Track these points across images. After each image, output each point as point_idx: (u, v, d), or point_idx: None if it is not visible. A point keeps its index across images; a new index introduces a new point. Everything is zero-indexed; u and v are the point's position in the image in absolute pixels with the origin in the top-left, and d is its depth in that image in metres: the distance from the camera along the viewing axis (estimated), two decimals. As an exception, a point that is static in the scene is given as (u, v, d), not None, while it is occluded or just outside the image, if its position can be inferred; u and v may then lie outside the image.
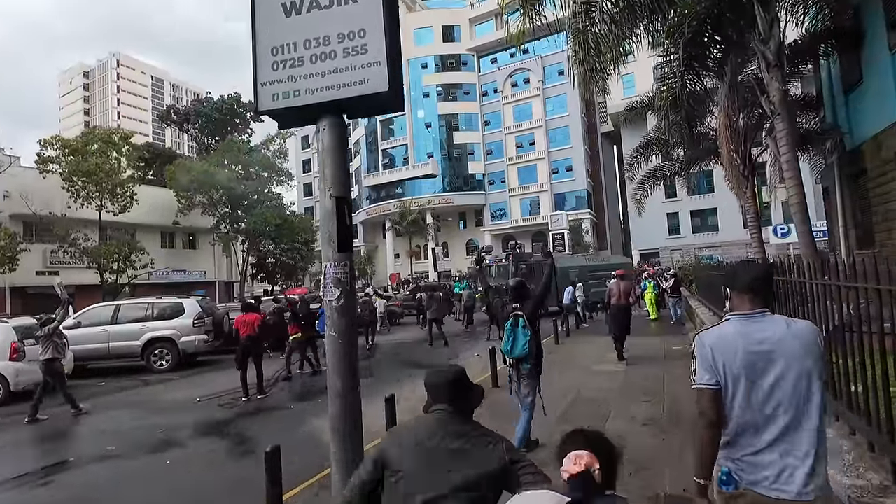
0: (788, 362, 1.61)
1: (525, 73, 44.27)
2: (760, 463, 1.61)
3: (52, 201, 19.56)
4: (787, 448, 1.59)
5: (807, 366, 1.61)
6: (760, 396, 1.63)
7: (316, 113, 2.66)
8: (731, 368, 1.65)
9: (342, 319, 2.55)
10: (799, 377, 1.60)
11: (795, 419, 1.59)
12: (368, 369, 10.22)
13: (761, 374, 1.63)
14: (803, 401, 1.60)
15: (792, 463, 1.58)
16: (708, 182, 35.84)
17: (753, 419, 1.63)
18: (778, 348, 1.63)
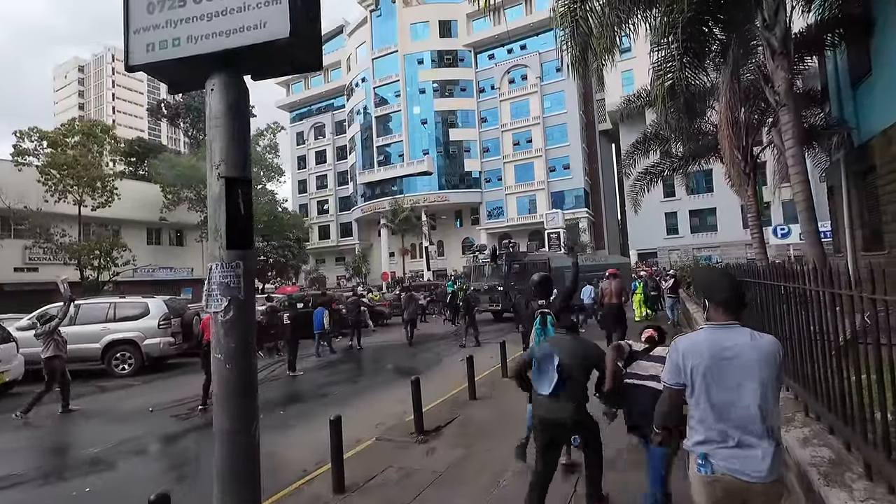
0: (747, 369, 1.88)
1: (522, 70, 43.61)
2: (728, 453, 1.88)
3: (28, 195, 18.87)
4: (748, 441, 1.86)
5: (763, 374, 1.87)
6: (722, 397, 1.90)
7: (203, 68, 1.99)
8: (698, 370, 1.94)
9: (232, 339, 1.91)
10: (756, 382, 1.87)
11: (752, 418, 1.86)
12: (347, 373, 9.63)
13: (723, 377, 1.90)
14: (761, 402, 1.86)
15: (752, 453, 1.85)
16: (707, 181, 35.26)
17: (718, 415, 1.90)
18: (739, 356, 1.90)
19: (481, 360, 9.67)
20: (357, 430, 5.74)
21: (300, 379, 9.27)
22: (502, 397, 6.62)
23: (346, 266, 48.99)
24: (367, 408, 6.84)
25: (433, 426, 5.37)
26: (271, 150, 31.69)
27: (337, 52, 54.99)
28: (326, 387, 8.46)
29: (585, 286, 15.74)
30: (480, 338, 12.65)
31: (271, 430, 6.00)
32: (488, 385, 7.36)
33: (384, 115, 46.81)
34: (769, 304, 3.69)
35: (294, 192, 58.40)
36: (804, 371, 3.02)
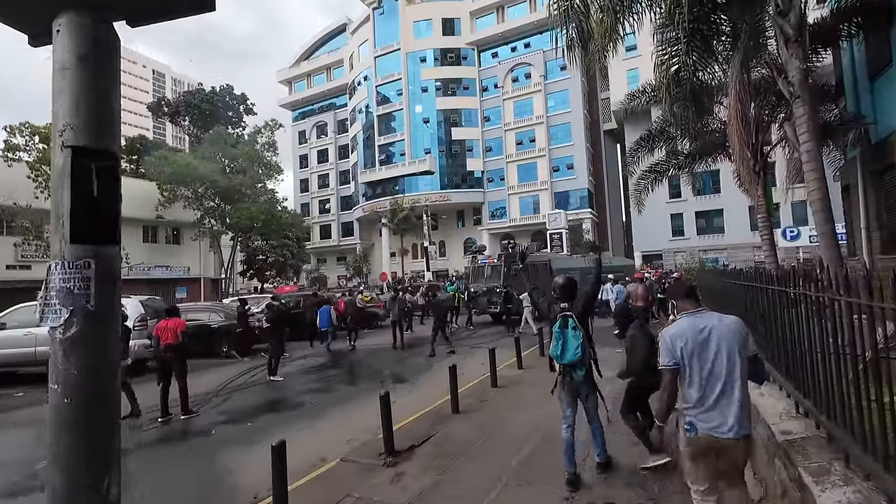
0: (720, 343, 2.43)
1: (526, 68, 43.00)
2: (710, 416, 2.40)
3: (19, 191, 18.54)
4: (725, 402, 2.38)
5: (732, 344, 2.42)
6: (706, 368, 2.43)
7: (47, 6, 1.51)
8: (685, 350, 2.46)
9: (74, 363, 1.43)
10: (729, 352, 2.41)
11: (728, 383, 2.39)
12: (329, 379, 9.11)
13: (704, 351, 2.44)
14: (733, 368, 2.40)
15: (728, 413, 2.36)
16: (714, 182, 34.50)
17: (702, 385, 2.42)
18: (713, 333, 2.45)
19: (472, 368, 9.16)
20: (325, 446, 5.24)
21: (279, 385, 8.77)
22: (488, 411, 6.08)
23: (347, 266, 48.60)
24: (343, 420, 6.33)
25: (406, 445, 4.84)
26: (270, 148, 31.30)
27: (340, 51, 54.65)
28: (304, 395, 7.95)
29: (617, 285, 15.14)
30: (474, 342, 12.14)
31: (233, 445, 5.49)
32: (475, 396, 6.82)
33: (386, 113, 46.36)
34: (781, 313, 3.12)
35: (296, 191, 58.09)
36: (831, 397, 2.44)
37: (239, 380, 9.43)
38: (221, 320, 12.30)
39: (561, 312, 3.85)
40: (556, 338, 3.81)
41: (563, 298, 3.95)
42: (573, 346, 3.73)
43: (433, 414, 6.05)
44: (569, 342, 3.76)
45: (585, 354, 3.75)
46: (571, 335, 3.76)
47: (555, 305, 4.01)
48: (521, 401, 6.46)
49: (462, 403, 6.33)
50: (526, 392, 6.91)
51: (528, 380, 7.78)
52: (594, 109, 44.40)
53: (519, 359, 8.82)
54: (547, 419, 5.55)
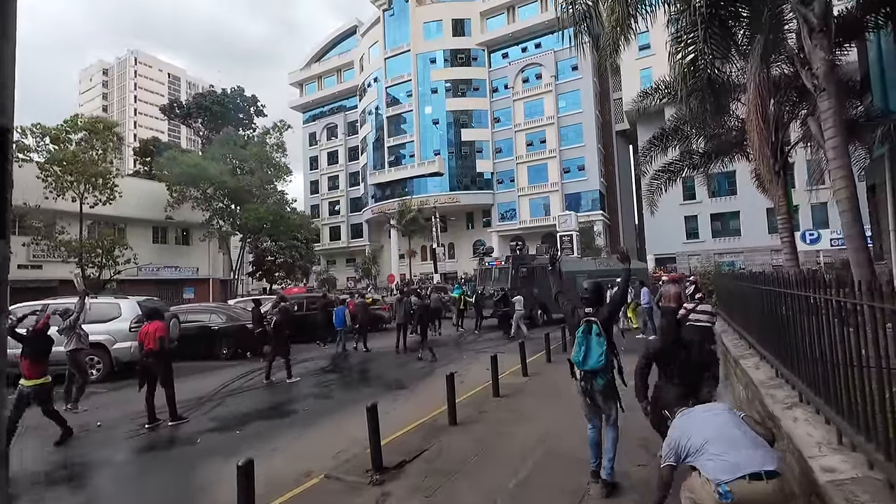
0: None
1: (537, 69, 42.53)
2: (736, 466, 2.24)
3: (29, 192, 18.67)
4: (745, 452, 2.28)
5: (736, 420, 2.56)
6: (719, 436, 2.43)
7: None
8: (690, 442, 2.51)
9: None
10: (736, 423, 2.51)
11: (746, 445, 2.33)
12: (327, 384, 8.82)
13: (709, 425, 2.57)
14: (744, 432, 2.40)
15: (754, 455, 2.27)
16: (730, 183, 33.62)
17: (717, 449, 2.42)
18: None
19: (475, 374, 8.79)
20: (312, 458, 4.93)
21: (274, 389, 8.49)
22: (487, 423, 5.70)
23: (356, 267, 48.52)
24: (334, 429, 6.01)
25: (396, 461, 4.49)
26: (279, 149, 31.29)
27: (350, 53, 54.77)
28: (299, 401, 7.65)
29: (644, 288, 14.66)
30: (480, 346, 11.78)
31: (216, 455, 5.20)
32: (475, 406, 6.44)
33: (396, 115, 46.25)
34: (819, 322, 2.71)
35: (306, 192, 58.28)
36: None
37: (235, 383, 9.19)
38: (222, 322, 12.10)
39: (585, 317, 3.72)
40: (579, 343, 3.67)
41: (589, 303, 3.83)
42: (596, 353, 3.59)
43: (429, 426, 5.70)
44: (592, 349, 3.61)
45: (609, 363, 3.62)
46: (595, 342, 3.62)
47: (579, 310, 3.86)
48: (523, 412, 6.08)
49: (460, 414, 5.96)
50: (529, 403, 6.53)
51: (532, 389, 7.38)
52: (606, 110, 43.73)
53: (524, 365, 8.43)
54: (550, 433, 5.16)
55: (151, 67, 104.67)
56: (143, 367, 6.50)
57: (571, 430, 5.23)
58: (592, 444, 3.86)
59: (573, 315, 3.92)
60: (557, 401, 6.59)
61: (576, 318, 3.82)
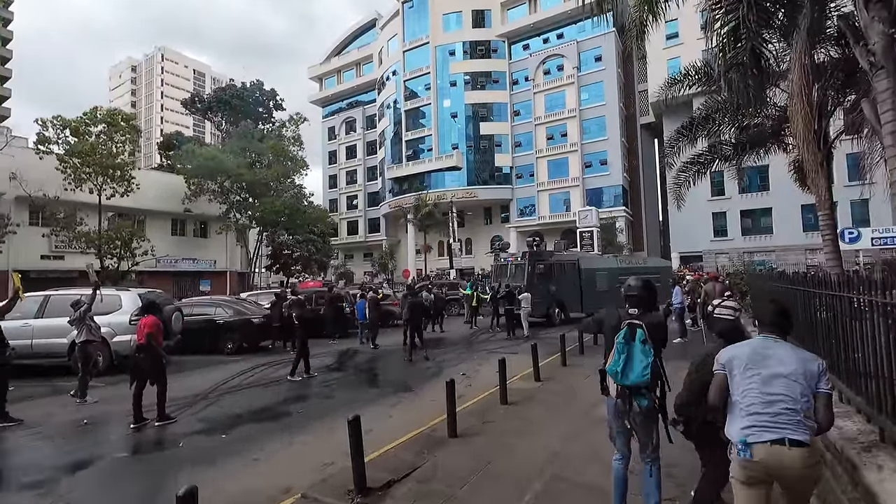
0: (782, 368, 2.30)
1: (559, 60, 41.34)
2: (763, 433, 2.24)
3: (49, 183, 18.93)
4: (781, 420, 2.23)
5: (798, 373, 2.27)
6: (763, 390, 2.31)
7: None
8: (738, 365, 2.41)
9: None
10: (790, 380, 2.27)
11: (785, 408, 2.23)
12: (329, 384, 8.40)
13: (762, 370, 2.33)
14: (791, 395, 2.24)
15: (784, 426, 2.22)
16: (762, 178, 32.01)
17: (754, 404, 2.32)
18: (775, 357, 2.35)
19: (484, 377, 8.24)
20: (295, 471, 4.47)
21: (270, 390, 8.11)
22: (491, 435, 5.15)
23: (373, 262, 48.44)
24: (326, 436, 5.55)
25: (383, 480, 3.98)
26: (295, 142, 31.18)
27: (369, 46, 54.49)
28: (294, 402, 7.24)
29: (675, 287, 13.95)
30: (493, 346, 11.23)
31: (194, 464, 4.79)
32: (478, 415, 5.89)
33: (414, 108, 45.75)
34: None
35: (325, 187, 58.46)
36: None
37: (235, 380, 8.86)
38: (228, 316, 11.84)
39: (629, 320, 3.02)
40: (619, 351, 2.96)
41: (634, 303, 3.12)
42: (640, 366, 2.89)
43: (426, 436, 5.17)
44: (635, 359, 2.91)
45: (655, 378, 2.90)
46: (640, 350, 2.91)
47: (620, 310, 3.18)
48: (532, 423, 5.50)
49: (463, 424, 5.42)
50: (539, 412, 5.93)
51: (544, 395, 6.78)
52: (630, 102, 42.27)
53: (536, 369, 7.82)
54: (560, 453, 4.57)
55: (177, 64, 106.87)
56: (134, 362, 6.22)
57: (586, 448, 4.63)
58: (618, 479, 3.16)
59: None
60: (570, 410, 5.97)
61: (613, 320, 3.13)
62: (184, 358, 10.91)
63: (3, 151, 18.18)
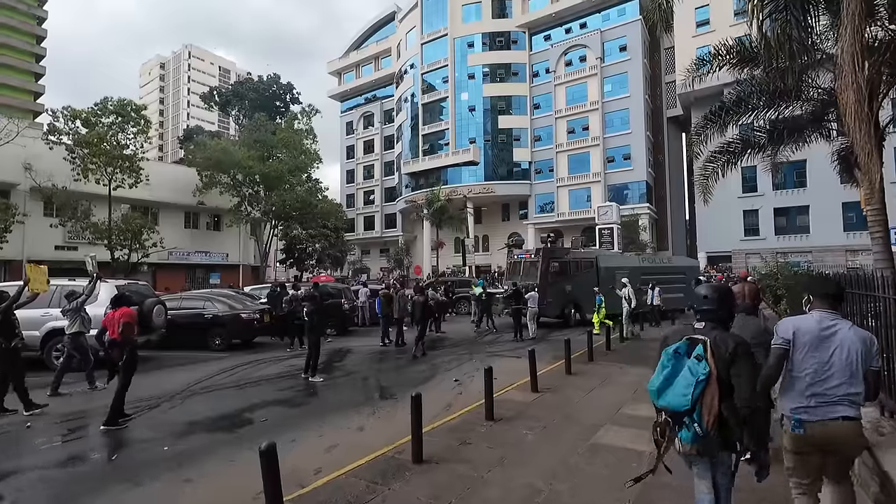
0: (842, 343, 2.39)
1: (581, 51, 39.80)
2: (818, 410, 2.42)
3: (60, 174, 18.96)
4: (836, 396, 2.40)
5: (856, 348, 2.37)
6: (822, 362, 2.42)
7: None
8: (800, 339, 2.50)
9: None
10: (850, 354, 2.37)
11: (842, 381, 2.37)
12: (309, 387, 7.70)
13: (822, 344, 2.43)
14: (849, 369, 2.36)
15: (838, 403, 2.39)
16: (798, 174, 29.97)
17: (813, 379, 2.45)
18: (837, 334, 2.43)
19: (479, 383, 7.35)
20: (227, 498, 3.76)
21: (243, 392, 7.46)
22: (464, 462, 4.30)
23: (389, 258, 48.00)
24: (282, 452, 4.81)
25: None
26: (308, 135, 30.80)
27: (388, 40, 53.91)
28: (262, 408, 6.55)
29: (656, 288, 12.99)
30: (497, 348, 10.39)
31: (112, 483, 4.12)
32: (456, 434, 5.06)
33: (431, 102, 44.91)
34: None
35: (342, 182, 58.33)
36: None
37: (211, 380, 8.27)
38: (218, 310, 11.29)
39: (692, 334, 2.37)
40: (663, 365, 2.32)
41: (706, 316, 2.43)
42: (682, 385, 2.21)
43: (387, 460, 4.37)
44: (678, 377, 2.25)
45: (697, 406, 2.16)
46: (690, 367, 2.22)
47: (695, 313, 2.53)
48: (517, 448, 4.63)
49: (434, 446, 4.62)
50: (528, 434, 5.05)
51: (538, 411, 5.89)
52: (657, 95, 40.44)
53: (534, 378, 6.92)
54: (545, 491, 3.69)
55: (203, 61, 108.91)
56: (108, 358, 5.81)
57: (578, 490, 3.73)
58: None
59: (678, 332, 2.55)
60: (566, 434, 5.07)
61: (678, 336, 2.45)
62: (167, 354, 10.45)
63: (14, 142, 18.22)
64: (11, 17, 46.33)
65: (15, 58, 46.82)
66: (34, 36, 50.06)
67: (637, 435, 4.84)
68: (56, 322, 8.46)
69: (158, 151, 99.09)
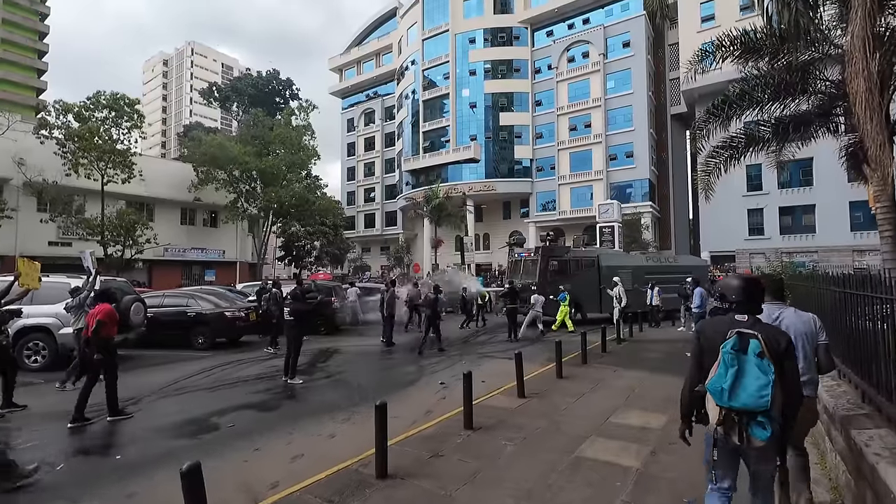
0: (788, 328, 2.74)
1: (584, 47, 39.25)
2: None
3: (51, 168, 18.69)
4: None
5: (800, 331, 2.83)
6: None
7: None
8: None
9: None
10: (796, 337, 2.70)
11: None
12: (286, 390, 7.36)
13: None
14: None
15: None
16: (805, 172, 29.38)
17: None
18: (784, 321, 2.86)
19: (461, 389, 7.03)
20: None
21: (216, 394, 7.13)
22: (432, 478, 3.93)
23: (389, 256, 47.68)
24: (238, 466, 4.47)
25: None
26: (306, 132, 30.44)
27: (389, 36, 53.49)
28: (234, 411, 6.20)
29: (698, 287, 12.54)
30: (489, 349, 10.03)
31: (52, 498, 3.79)
32: (432, 443, 4.69)
33: (432, 98, 44.49)
34: None
35: (343, 179, 58.01)
36: None
37: (188, 380, 7.95)
38: (202, 308, 10.97)
39: (737, 327, 2.30)
40: (727, 363, 2.22)
41: (741, 307, 2.40)
42: (755, 384, 2.17)
43: (350, 474, 4.01)
44: (748, 375, 2.19)
45: (776, 403, 2.16)
46: (755, 364, 2.19)
47: (729, 313, 2.44)
48: (493, 462, 4.25)
49: (404, 458, 4.26)
50: (507, 446, 4.67)
51: (520, 420, 5.50)
52: (660, 91, 39.86)
53: (520, 383, 6.55)
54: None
55: (206, 58, 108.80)
56: (83, 355, 5.63)
57: None
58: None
59: (718, 322, 2.46)
60: (548, 446, 4.69)
61: (722, 325, 2.37)
62: (148, 353, 10.15)
63: (6, 136, 17.96)
64: (14, 13, 46.23)
65: (17, 54, 46.74)
66: (36, 32, 49.97)
67: (623, 448, 4.46)
68: (25, 320, 8.13)
69: (161, 148, 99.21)
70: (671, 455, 4.26)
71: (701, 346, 2.41)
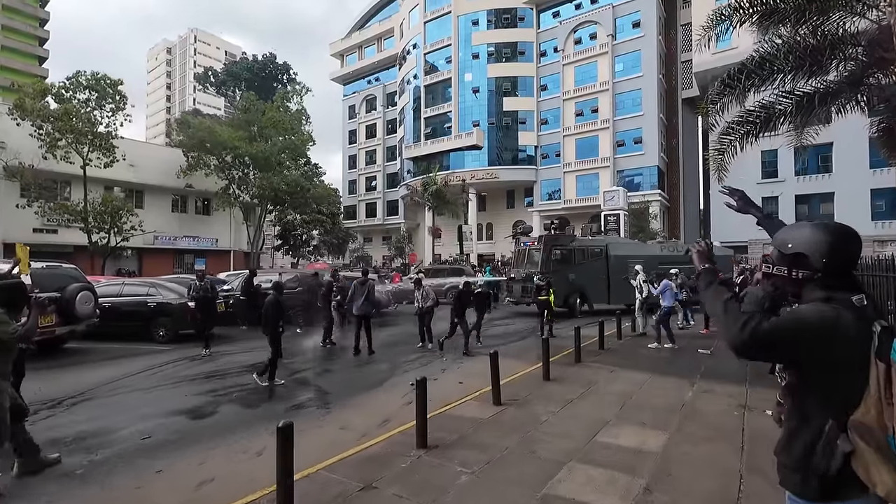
0: None
1: (592, 28, 37.62)
2: None
3: (25, 152, 17.92)
4: None
5: None
6: None
7: None
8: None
9: None
10: None
11: None
12: (236, 391, 6.48)
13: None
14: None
15: None
16: (823, 158, 27.88)
17: None
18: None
19: (441, 389, 6.05)
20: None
21: (152, 395, 6.26)
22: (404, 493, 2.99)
23: (390, 246, 46.81)
24: (136, 487, 3.58)
25: None
26: (302, 115, 29.38)
27: (391, 19, 51.99)
28: (165, 417, 5.31)
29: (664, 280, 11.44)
30: (471, 345, 9.08)
31: None
32: (373, 466, 3.75)
33: (434, 83, 43.13)
34: None
35: (344, 167, 57.01)
36: None
37: (128, 379, 7.11)
38: (164, 298, 10.09)
39: (862, 312, 1.36)
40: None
41: (846, 281, 1.46)
42: None
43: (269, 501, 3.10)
44: None
45: None
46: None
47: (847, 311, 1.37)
48: (438, 501, 3.30)
49: (327, 488, 3.33)
50: (462, 473, 3.71)
51: (487, 437, 4.52)
52: (672, 74, 38.17)
53: (496, 389, 5.57)
54: None
55: (210, 45, 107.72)
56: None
57: None
58: None
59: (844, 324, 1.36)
60: (516, 471, 3.71)
61: (850, 329, 1.34)
62: (101, 346, 9.33)
63: (-18, 118, 17.21)
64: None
65: (17, 40, 46.12)
66: (37, 18, 49.29)
67: (609, 481, 3.47)
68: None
69: (166, 137, 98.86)
70: (669, 493, 3.27)
71: (827, 355, 1.35)
